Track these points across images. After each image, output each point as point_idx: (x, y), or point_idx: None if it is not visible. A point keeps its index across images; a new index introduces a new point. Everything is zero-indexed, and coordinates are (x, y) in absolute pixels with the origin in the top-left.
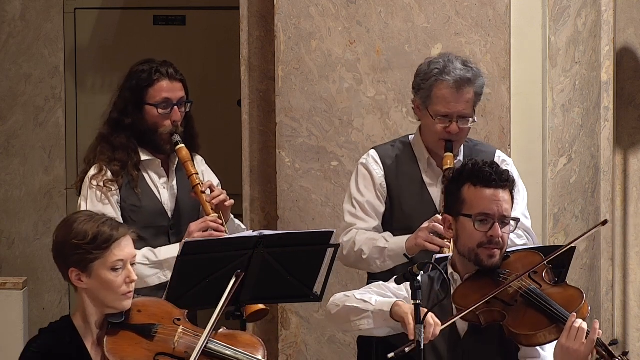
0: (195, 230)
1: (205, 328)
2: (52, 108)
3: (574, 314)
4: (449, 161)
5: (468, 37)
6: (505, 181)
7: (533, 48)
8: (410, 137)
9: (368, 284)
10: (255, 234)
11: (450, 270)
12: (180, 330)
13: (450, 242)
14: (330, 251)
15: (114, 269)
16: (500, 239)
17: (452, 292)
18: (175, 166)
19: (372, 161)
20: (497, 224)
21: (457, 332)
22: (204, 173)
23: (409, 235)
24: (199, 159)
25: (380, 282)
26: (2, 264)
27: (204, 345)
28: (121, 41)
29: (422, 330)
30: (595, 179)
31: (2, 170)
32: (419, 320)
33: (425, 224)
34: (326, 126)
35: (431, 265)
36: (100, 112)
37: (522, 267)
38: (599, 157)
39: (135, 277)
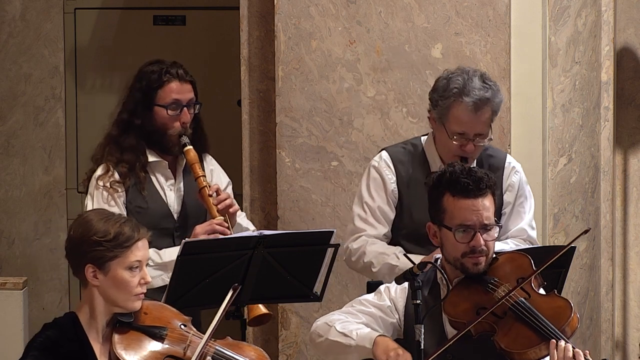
0: (201, 233)
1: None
2: (52, 108)
3: (553, 341)
4: None
5: (468, 37)
6: (483, 189)
7: (533, 48)
8: (422, 139)
9: (367, 284)
10: (255, 234)
11: (439, 275)
12: (191, 335)
13: None
14: (330, 251)
15: (131, 269)
16: (483, 246)
17: (441, 296)
18: (182, 168)
19: (385, 165)
20: (479, 233)
21: (445, 336)
22: (213, 172)
23: (421, 256)
24: (208, 158)
25: (362, 298)
26: (2, 264)
27: (205, 344)
28: (121, 41)
29: (422, 330)
30: (595, 179)
31: (2, 170)
32: (419, 320)
33: None
34: (326, 126)
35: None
36: (100, 112)
37: (509, 271)
38: (599, 157)
39: (150, 279)
